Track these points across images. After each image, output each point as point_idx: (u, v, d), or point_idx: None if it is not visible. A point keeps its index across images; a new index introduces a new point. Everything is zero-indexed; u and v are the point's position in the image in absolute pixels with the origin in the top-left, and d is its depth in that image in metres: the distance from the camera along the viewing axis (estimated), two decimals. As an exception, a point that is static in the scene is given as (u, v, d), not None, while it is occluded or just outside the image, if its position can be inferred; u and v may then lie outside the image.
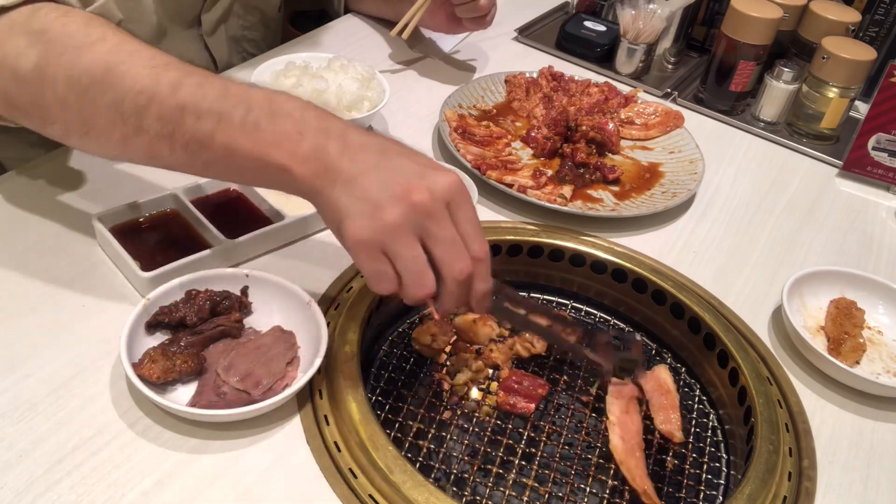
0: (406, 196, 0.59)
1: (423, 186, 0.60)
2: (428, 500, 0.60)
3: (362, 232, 0.59)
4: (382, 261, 0.61)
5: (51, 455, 0.62)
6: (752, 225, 1.04)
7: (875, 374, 0.83)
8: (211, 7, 1.11)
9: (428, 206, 0.60)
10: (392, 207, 0.59)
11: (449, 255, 0.61)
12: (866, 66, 1.15)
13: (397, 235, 0.59)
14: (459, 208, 0.62)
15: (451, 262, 0.61)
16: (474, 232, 0.63)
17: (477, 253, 0.62)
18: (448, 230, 0.61)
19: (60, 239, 0.81)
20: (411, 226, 0.60)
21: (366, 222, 0.59)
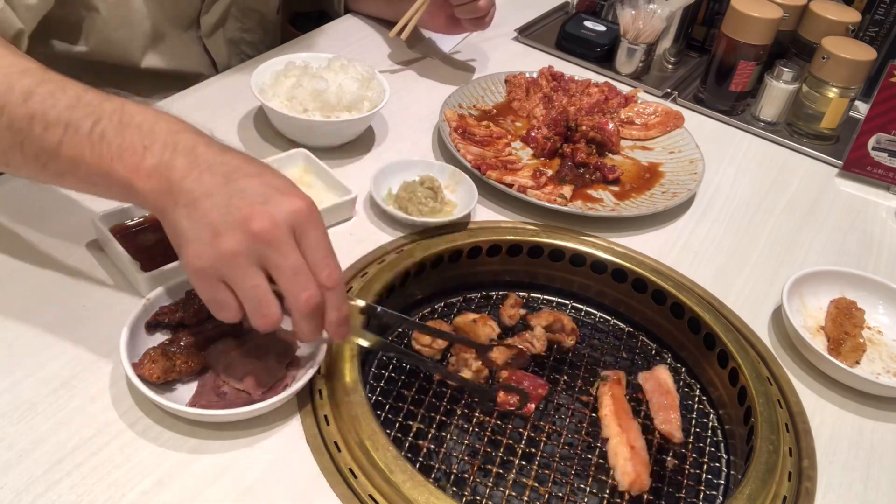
0: (245, 223, 0.57)
1: (265, 213, 0.57)
2: (428, 500, 0.60)
3: (199, 260, 0.57)
4: (221, 289, 0.58)
5: (51, 455, 0.62)
6: (752, 225, 1.04)
7: (875, 374, 0.83)
8: (209, 9, 1.11)
9: (268, 234, 0.57)
10: (230, 235, 0.57)
11: (292, 284, 0.58)
12: (866, 66, 1.15)
13: (235, 265, 0.57)
14: (306, 234, 0.59)
15: (295, 292, 0.58)
16: (324, 259, 0.60)
17: (325, 281, 0.60)
18: (290, 259, 0.58)
19: (60, 239, 0.81)
20: (250, 254, 0.57)
21: (203, 250, 0.57)
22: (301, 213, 0.59)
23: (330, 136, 1.01)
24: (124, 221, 0.81)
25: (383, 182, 0.95)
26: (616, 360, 0.85)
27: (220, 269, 0.57)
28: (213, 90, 1.10)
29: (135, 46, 1.05)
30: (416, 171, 0.97)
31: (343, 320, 0.63)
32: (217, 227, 0.57)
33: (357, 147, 1.05)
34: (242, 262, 0.57)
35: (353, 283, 0.82)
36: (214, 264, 0.57)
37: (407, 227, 0.92)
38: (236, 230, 0.57)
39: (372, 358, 0.80)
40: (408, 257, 0.83)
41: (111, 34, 1.01)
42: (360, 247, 0.87)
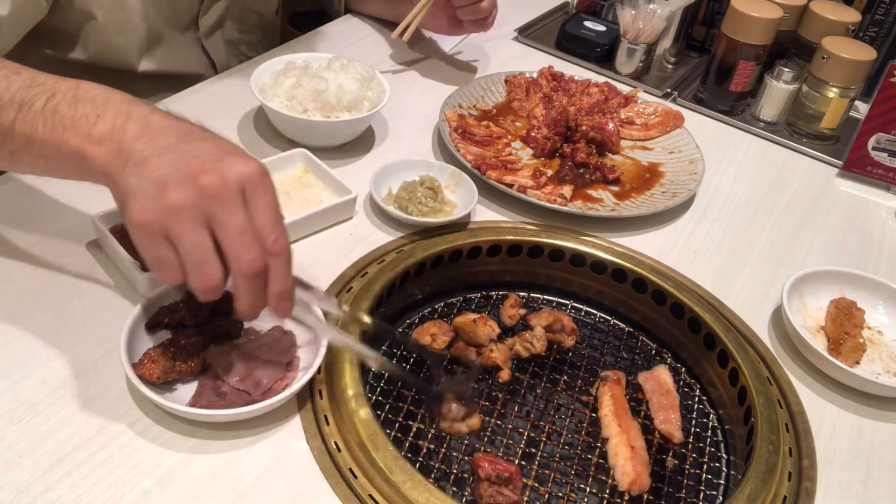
0: (194, 178, 0.55)
1: (215, 169, 0.56)
2: (428, 500, 0.60)
3: (143, 214, 0.55)
4: (164, 246, 0.56)
5: (51, 455, 0.62)
6: (752, 225, 1.04)
7: (875, 374, 0.83)
8: (207, 10, 1.11)
9: (216, 190, 0.55)
10: (177, 188, 0.55)
11: (236, 245, 0.56)
12: (866, 66, 1.15)
13: (179, 219, 0.55)
14: (256, 197, 0.57)
15: (238, 252, 0.56)
16: (272, 224, 0.58)
17: (271, 247, 0.57)
18: (237, 218, 0.56)
19: (60, 239, 0.81)
20: (196, 209, 0.55)
21: (148, 203, 0.55)
22: (253, 176, 0.57)
23: (330, 136, 1.01)
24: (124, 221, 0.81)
25: (383, 182, 0.95)
26: (616, 360, 0.85)
27: (164, 222, 0.55)
28: (213, 91, 1.10)
29: (133, 50, 1.05)
30: (416, 171, 0.97)
31: (286, 294, 0.60)
32: (165, 181, 0.55)
33: (357, 147, 1.05)
34: (187, 216, 0.55)
35: (353, 283, 0.82)
36: (159, 217, 0.55)
37: (407, 227, 0.92)
38: (184, 184, 0.55)
39: (372, 358, 0.80)
40: (408, 257, 0.83)
41: (110, 39, 1.01)
42: (360, 247, 0.88)
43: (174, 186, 0.55)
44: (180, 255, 0.56)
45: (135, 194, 0.56)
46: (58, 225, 0.82)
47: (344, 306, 0.73)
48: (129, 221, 0.57)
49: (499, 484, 0.66)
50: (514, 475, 0.66)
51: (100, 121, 0.59)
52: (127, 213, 0.57)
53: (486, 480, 0.66)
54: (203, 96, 1.08)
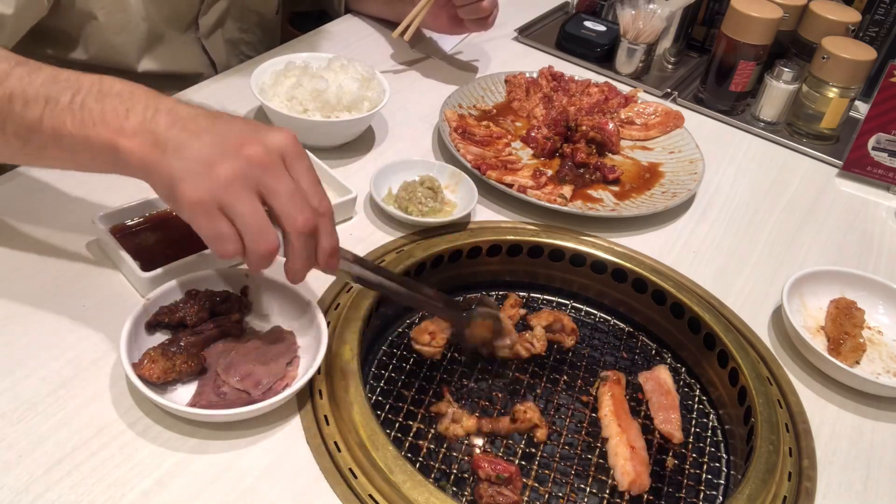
0: (239, 150, 0.58)
1: (256, 140, 0.59)
2: (428, 500, 0.60)
3: (197, 192, 0.57)
4: (221, 220, 0.58)
5: (51, 455, 0.62)
6: (752, 225, 1.04)
7: (875, 374, 0.83)
8: (207, 10, 1.11)
9: (262, 159, 0.58)
10: (225, 163, 0.57)
11: (289, 206, 0.59)
12: (866, 66, 1.15)
13: (233, 190, 0.57)
14: (296, 163, 0.61)
15: (292, 213, 0.59)
16: (314, 187, 0.61)
17: (319, 207, 0.61)
18: (286, 182, 0.59)
19: (60, 239, 0.81)
20: (247, 180, 0.58)
21: (199, 181, 0.57)
22: (289, 144, 0.60)
23: (330, 136, 1.01)
24: (124, 221, 0.81)
25: (383, 182, 0.95)
26: (616, 360, 0.85)
27: (218, 196, 0.57)
28: (213, 90, 1.10)
29: (133, 50, 1.05)
30: (416, 171, 0.97)
31: (334, 250, 0.63)
32: (211, 159, 0.58)
33: (357, 147, 1.05)
34: (240, 186, 0.58)
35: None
36: (212, 193, 0.57)
37: (407, 227, 0.92)
38: (230, 158, 0.58)
39: (372, 358, 0.80)
40: (408, 257, 0.83)
41: (110, 39, 1.01)
42: (360, 247, 0.88)
43: (221, 161, 0.57)
44: (237, 226, 0.58)
45: (182, 177, 0.58)
46: (58, 225, 0.82)
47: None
48: (183, 201, 0.58)
49: (499, 484, 0.66)
50: (513, 475, 0.66)
51: (130, 114, 0.60)
52: (178, 195, 0.58)
53: (485, 481, 0.66)
54: (203, 96, 1.08)
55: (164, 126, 0.60)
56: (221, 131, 0.60)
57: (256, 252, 0.59)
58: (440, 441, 0.72)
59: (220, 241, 0.59)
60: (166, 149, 0.59)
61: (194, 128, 0.60)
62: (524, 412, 0.73)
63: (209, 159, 0.58)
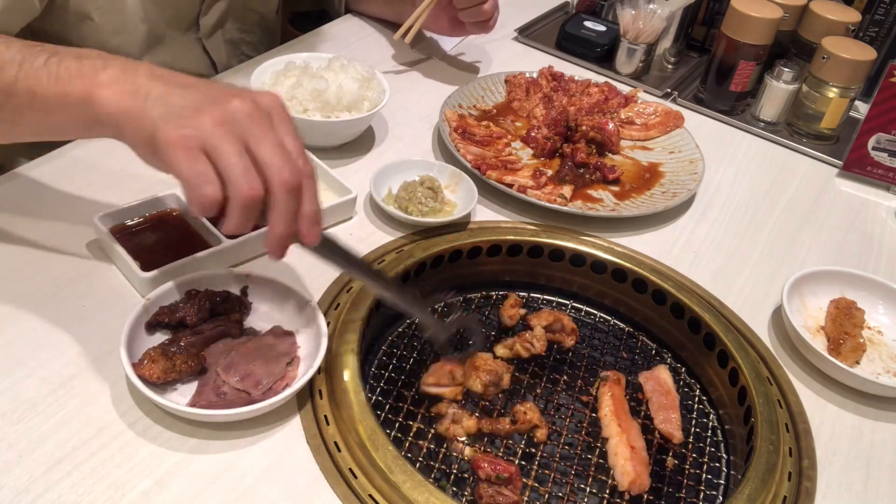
0: (226, 101, 0.57)
1: (244, 94, 0.58)
2: (428, 500, 0.60)
3: (180, 130, 0.55)
4: (203, 160, 0.55)
5: (51, 455, 0.62)
6: (752, 225, 1.04)
7: (875, 374, 0.83)
8: (208, 10, 1.11)
9: (250, 110, 0.57)
10: (212, 108, 0.56)
11: (274, 157, 0.57)
12: (866, 66, 1.15)
13: (218, 133, 0.56)
14: (282, 122, 0.59)
15: (278, 165, 0.57)
16: (298, 147, 0.59)
17: (304, 167, 0.59)
18: (272, 135, 0.57)
19: (61, 239, 0.81)
20: (233, 126, 0.56)
21: (184, 121, 0.56)
22: (276, 103, 0.60)
23: (330, 136, 1.01)
24: (124, 221, 0.81)
25: (383, 182, 0.95)
26: (616, 360, 0.85)
27: (202, 137, 0.55)
28: (213, 90, 1.10)
29: (132, 51, 1.04)
30: (416, 171, 0.97)
31: (317, 216, 0.61)
32: (198, 105, 0.56)
33: (357, 147, 1.05)
34: (226, 130, 0.56)
35: (353, 283, 0.82)
36: (197, 133, 0.55)
37: (407, 227, 0.92)
38: (218, 105, 0.57)
39: (372, 358, 0.80)
40: (408, 257, 0.83)
41: (107, 41, 1.01)
42: (360, 247, 0.88)
43: (209, 107, 0.56)
44: (219, 169, 0.56)
45: (166, 119, 0.56)
46: (58, 225, 0.82)
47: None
48: (164, 140, 0.55)
49: (498, 484, 0.66)
50: (513, 475, 0.66)
51: (107, 67, 0.60)
52: (158, 136, 0.56)
53: (485, 481, 0.66)
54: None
55: (144, 77, 0.59)
56: (206, 86, 0.59)
57: (239, 196, 0.56)
58: (440, 441, 0.72)
59: (200, 181, 0.55)
60: (148, 96, 0.57)
61: (177, 81, 0.59)
62: (524, 413, 0.73)
63: (195, 105, 0.56)
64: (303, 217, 0.59)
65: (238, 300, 0.74)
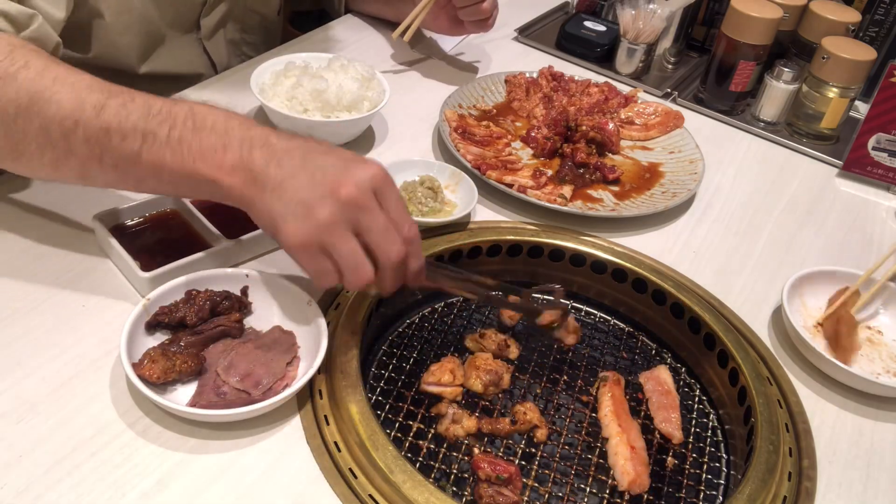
0: (335, 193, 0.62)
1: (349, 181, 0.62)
2: (428, 500, 0.60)
3: (299, 234, 0.62)
4: (322, 258, 0.63)
5: (51, 455, 0.62)
6: (752, 225, 1.04)
7: (875, 374, 0.83)
8: (209, 12, 1.11)
9: (356, 199, 0.62)
10: (323, 206, 0.62)
11: (383, 242, 0.64)
12: (866, 66, 1.15)
13: (332, 231, 0.62)
14: (386, 196, 0.64)
15: (386, 248, 0.64)
16: (402, 216, 0.65)
17: (407, 235, 0.65)
18: (378, 219, 0.63)
19: (60, 239, 0.81)
20: (344, 220, 0.62)
21: (301, 224, 0.62)
22: (378, 177, 0.64)
23: (330, 136, 1.01)
24: (124, 221, 0.81)
25: (383, 182, 0.95)
26: (616, 360, 0.85)
27: (319, 238, 0.62)
28: (213, 90, 1.10)
29: (135, 51, 1.05)
30: (416, 171, 0.97)
31: (421, 270, 0.69)
32: (309, 202, 0.62)
33: (357, 147, 1.05)
34: (338, 228, 0.62)
35: (353, 283, 0.82)
36: (314, 236, 0.62)
37: (407, 227, 0.92)
38: (327, 200, 0.62)
39: (372, 358, 0.80)
40: (408, 257, 0.83)
41: (114, 39, 1.01)
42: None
43: (319, 204, 0.62)
44: (336, 263, 0.63)
45: (284, 218, 0.62)
46: (58, 225, 0.82)
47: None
48: (288, 244, 0.63)
49: (498, 484, 0.66)
50: (513, 476, 0.66)
51: (227, 151, 0.64)
52: (283, 236, 0.63)
53: (485, 481, 0.66)
54: (203, 96, 1.08)
55: (260, 164, 0.63)
56: (315, 169, 0.63)
57: (353, 283, 0.64)
58: (440, 441, 0.72)
59: (322, 276, 0.64)
60: (265, 187, 0.63)
61: (289, 165, 0.63)
62: (524, 413, 0.73)
63: (308, 202, 0.62)
64: (409, 274, 0.68)
65: (238, 300, 0.74)
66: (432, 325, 0.85)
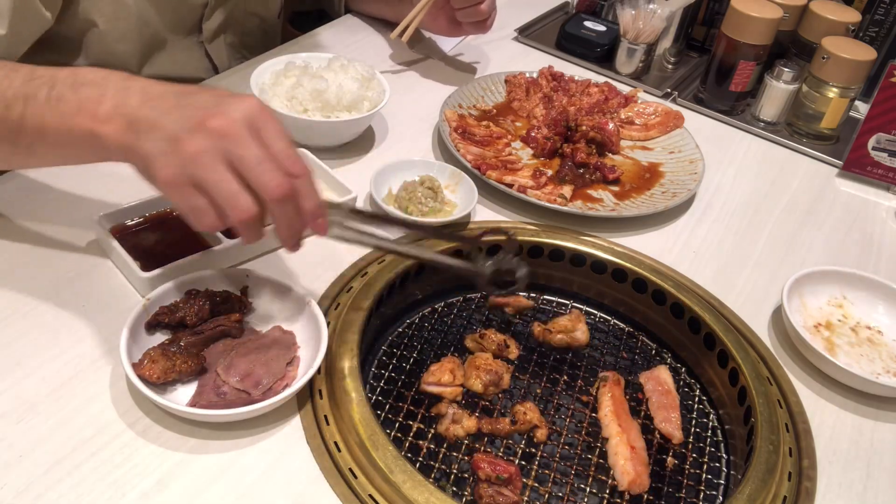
0: (202, 124, 0.58)
1: (218, 112, 0.59)
2: (428, 500, 0.60)
3: (167, 170, 0.58)
4: (194, 194, 0.59)
5: (51, 455, 0.62)
6: (752, 225, 1.04)
7: (875, 374, 0.83)
8: (210, 15, 1.11)
9: (226, 129, 0.58)
10: (191, 139, 0.58)
11: (259, 174, 0.58)
12: (866, 66, 1.15)
13: (200, 163, 0.58)
14: (264, 128, 0.60)
15: (263, 180, 0.58)
16: (286, 150, 0.60)
17: (293, 170, 0.60)
18: (252, 149, 0.59)
19: (60, 239, 0.81)
20: (214, 152, 0.58)
21: (169, 159, 0.59)
22: (254, 109, 0.60)
23: (330, 136, 1.01)
24: (124, 221, 0.81)
25: (383, 182, 0.95)
26: (616, 360, 0.85)
27: (187, 171, 0.58)
28: (213, 90, 1.10)
29: (134, 56, 1.04)
30: (416, 171, 0.97)
31: (317, 210, 0.62)
32: (177, 135, 0.58)
33: (357, 147, 1.05)
34: (207, 159, 0.58)
35: (353, 283, 0.82)
36: (182, 169, 0.58)
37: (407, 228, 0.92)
38: (194, 132, 0.58)
39: (372, 358, 0.80)
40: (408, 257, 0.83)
41: (111, 47, 1.01)
42: (360, 246, 0.87)
43: (186, 137, 0.58)
44: (212, 198, 0.59)
45: (154, 155, 0.59)
46: (58, 225, 0.82)
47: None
48: (158, 182, 0.59)
49: (498, 484, 0.66)
50: (513, 476, 0.66)
51: (103, 99, 0.61)
52: (154, 175, 0.59)
53: (485, 481, 0.66)
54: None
55: (135, 106, 0.61)
56: (187, 105, 0.60)
57: (235, 219, 0.59)
58: (440, 441, 0.72)
59: (197, 214, 0.60)
60: (139, 130, 0.60)
61: (163, 105, 0.60)
62: (524, 413, 0.73)
63: (175, 136, 0.58)
64: (305, 215, 0.62)
65: (238, 300, 0.74)
66: (432, 325, 0.85)
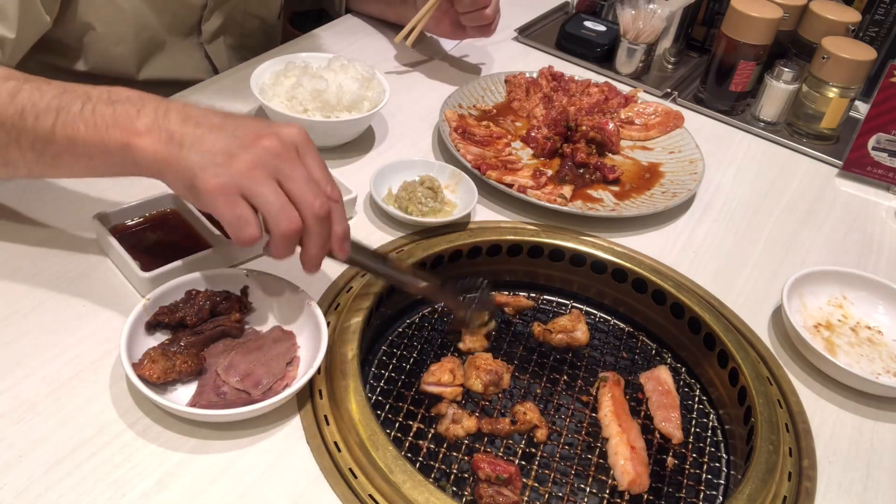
0: (256, 142, 0.62)
1: (270, 133, 0.63)
2: (428, 500, 0.60)
3: (218, 179, 0.60)
4: (242, 204, 0.61)
5: (51, 455, 0.62)
6: (752, 225, 1.04)
7: (875, 374, 0.83)
8: (210, 16, 1.11)
9: (278, 149, 0.62)
10: (244, 153, 0.61)
11: (305, 192, 0.62)
12: (866, 66, 1.15)
13: (253, 176, 0.61)
14: (307, 154, 0.65)
15: (309, 199, 0.62)
16: (325, 176, 0.65)
17: (331, 194, 0.65)
18: (301, 170, 0.63)
19: (60, 239, 0.81)
20: (265, 167, 0.61)
21: (220, 170, 0.60)
22: (300, 137, 0.65)
23: (330, 136, 1.01)
24: (124, 221, 0.81)
25: (383, 182, 0.95)
26: (616, 360, 0.85)
27: (239, 182, 0.60)
28: (213, 91, 1.10)
29: (133, 59, 1.05)
30: (416, 171, 0.97)
31: (347, 234, 0.67)
32: (230, 150, 0.61)
33: (357, 147, 1.05)
34: (259, 173, 0.61)
35: (353, 282, 0.82)
36: (233, 179, 0.60)
37: (407, 227, 0.92)
38: (248, 149, 0.61)
39: (372, 358, 0.80)
40: (408, 257, 0.83)
41: (109, 50, 1.01)
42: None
43: (240, 152, 0.61)
44: (258, 209, 0.61)
45: (203, 166, 0.61)
46: (58, 225, 0.82)
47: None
48: (204, 189, 0.60)
49: (498, 484, 0.66)
50: (513, 476, 0.66)
51: (141, 114, 0.62)
52: (198, 184, 0.60)
53: (485, 481, 0.66)
54: (203, 97, 1.08)
55: (176, 123, 0.62)
56: (235, 127, 0.63)
57: (279, 231, 0.62)
58: (440, 441, 0.72)
59: (241, 224, 0.61)
60: (182, 143, 0.61)
61: (208, 124, 0.62)
62: (524, 413, 0.73)
63: (228, 150, 0.61)
64: (335, 238, 0.66)
65: (238, 300, 0.74)
66: (432, 325, 0.85)
